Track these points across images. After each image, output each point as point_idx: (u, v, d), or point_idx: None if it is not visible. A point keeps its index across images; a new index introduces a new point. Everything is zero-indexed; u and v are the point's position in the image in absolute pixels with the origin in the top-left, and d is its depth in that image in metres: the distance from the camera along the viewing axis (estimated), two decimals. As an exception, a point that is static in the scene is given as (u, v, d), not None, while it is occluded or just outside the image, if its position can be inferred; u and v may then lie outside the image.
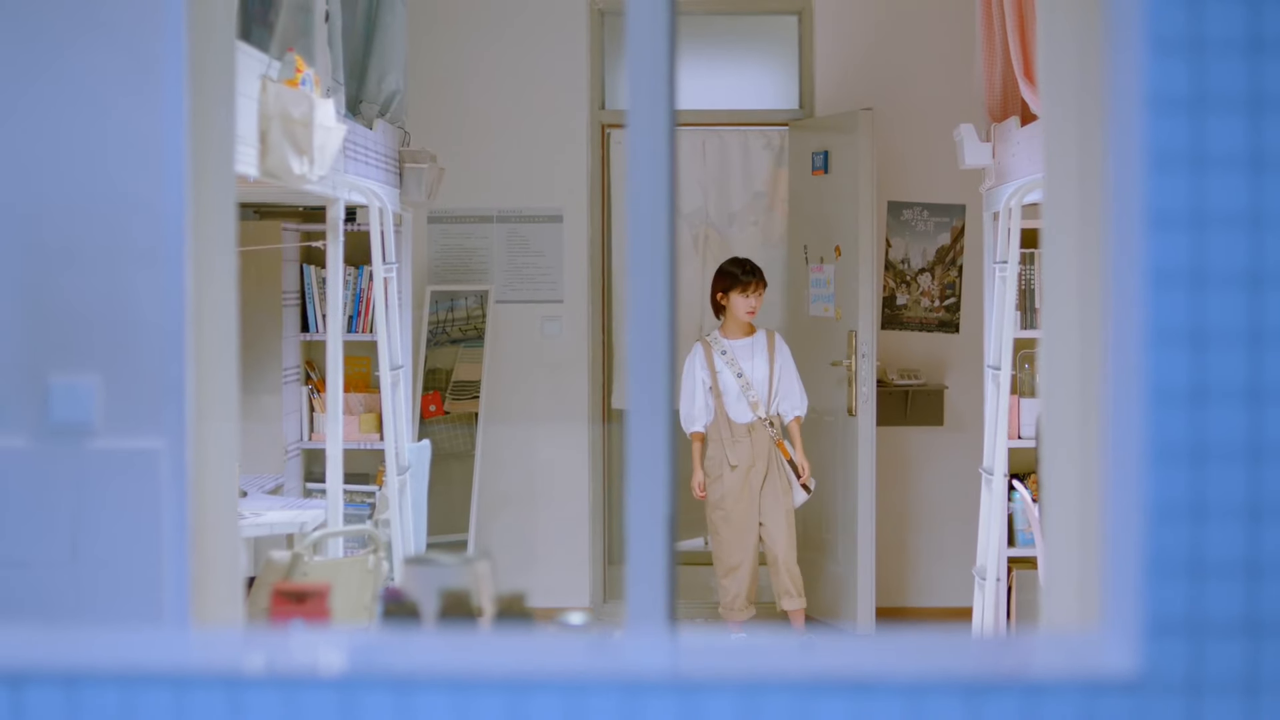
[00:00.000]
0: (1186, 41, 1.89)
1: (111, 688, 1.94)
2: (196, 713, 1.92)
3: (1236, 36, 1.89)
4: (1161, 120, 1.88)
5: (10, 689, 1.94)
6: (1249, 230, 1.89)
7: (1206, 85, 1.88)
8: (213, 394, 3.80)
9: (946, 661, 1.97)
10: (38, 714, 1.94)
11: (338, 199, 6.30)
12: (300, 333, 8.01)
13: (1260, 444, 1.91)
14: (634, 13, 3.37)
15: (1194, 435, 1.90)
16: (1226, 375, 1.90)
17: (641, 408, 3.08)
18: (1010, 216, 6.34)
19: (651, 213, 3.28)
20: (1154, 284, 1.89)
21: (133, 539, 3.64)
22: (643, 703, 1.89)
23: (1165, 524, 1.90)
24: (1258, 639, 1.91)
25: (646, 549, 2.92)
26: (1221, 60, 1.88)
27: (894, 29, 8.53)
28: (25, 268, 3.66)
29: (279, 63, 5.37)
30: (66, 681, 1.95)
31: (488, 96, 8.58)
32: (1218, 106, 1.88)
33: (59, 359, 3.65)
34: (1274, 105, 1.89)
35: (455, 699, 1.89)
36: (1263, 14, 1.89)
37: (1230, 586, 1.91)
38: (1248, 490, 1.91)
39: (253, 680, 1.93)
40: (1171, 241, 1.89)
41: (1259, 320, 1.90)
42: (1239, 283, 1.90)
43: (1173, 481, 1.90)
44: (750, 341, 7.83)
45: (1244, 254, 1.89)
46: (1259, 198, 1.89)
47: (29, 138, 3.67)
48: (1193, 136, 1.88)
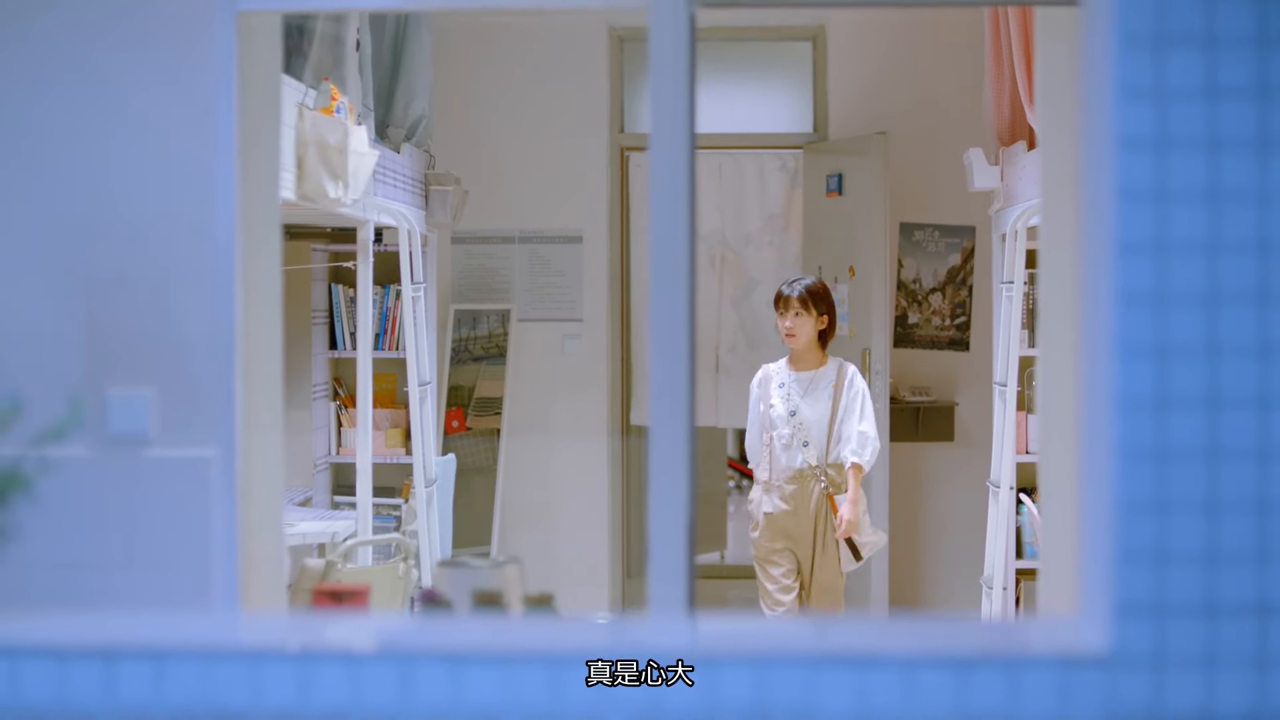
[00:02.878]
0: (1151, 89, 2.12)
1: (194, 662, 2.18)
2: (270, 684, 2.16)
3: (1196, 85, 2.12)
4: (1129, 158, 2.11)
5: (104, 663, 2.17)
6: (1206, 256, 2.12)
7: (1169, 128, 2.11)
8: (259, 406, 4.02)
9: (939, 641, 2.20)
10: (128, 682, 2.18)
11: (368, 221, 6.53)
12: (328, 350, 8.21)
13: (1216, 446, 2.13)
14: (656, 46, 3.60)
15: (1157, 439, 2.13)
16: (1186, 385, 2.13)
17: (663, 413, 3.31)
18: (1017, 238, 6.53)
19: (672, 234, 3.51)
20: (1122, 304, 2.12)
21: (184, 542, 3.87)
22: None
23: (1132, 518, 2.13)
24: (1214, 620, 2.14)
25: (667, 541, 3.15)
26: (1182, 105, 2.12)
27: (906, 56, 8.65)
28: (86, 289, 3.90)
29: (315, 91, 5.61)
30: (154, 657, 2.18)
31: (510, 120, 8.71)
32: (1179, 147, 2.12)
33: (117, 374, 3.89)
34: (1229, 145, 2.12)
35: (501, 672, 2.12)
36: (1218, 65, 2.12)
37: (1190, 574, 2.14)
38: (1205, 487, 2.13)
39: (320, 656, 2.17)
40: (1137, 266, 2.12)
41: (1215, 336, 2.13)
42: (1197, 303, 2.13)
43: (1138, 480, 2.13)
44: (813, 375, 6.81)
45: (1202, 277, 2.12)
46: (1216, 227, 2.12)
47: (90, 168, 3.91)
48: (1156, 173, 2.11)
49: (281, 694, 2.16)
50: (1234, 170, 2.12)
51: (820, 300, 6.73)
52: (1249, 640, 2.15)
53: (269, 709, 2.15)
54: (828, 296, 6.78)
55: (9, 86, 3.90)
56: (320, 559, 5.83)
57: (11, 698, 2.20)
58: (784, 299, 6.75)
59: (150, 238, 3.90)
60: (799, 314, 6.71)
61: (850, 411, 6.71)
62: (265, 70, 4.16)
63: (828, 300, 6.77)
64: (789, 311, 6.73)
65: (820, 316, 6.72)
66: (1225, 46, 2.13)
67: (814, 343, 6.75)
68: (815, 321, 6.72)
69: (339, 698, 2.15)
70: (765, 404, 6.82)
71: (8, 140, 3.91)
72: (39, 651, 2.21)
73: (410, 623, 2.84)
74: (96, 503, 3.83)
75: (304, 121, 5.36)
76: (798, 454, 6.70)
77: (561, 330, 8.83)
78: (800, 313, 6.71)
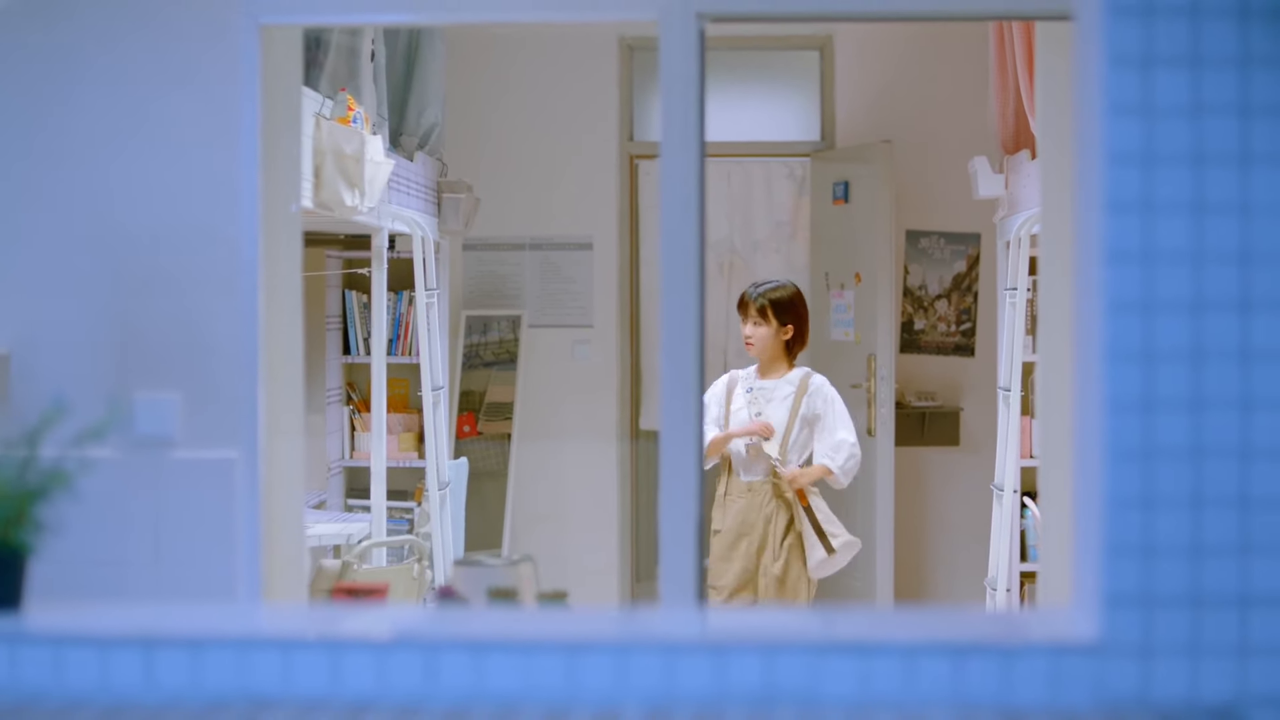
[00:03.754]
0: (1139, 107, 2.23)
1: (228, 650, 2.29)
2: (301, 671, 2.27)
3: (1181, 102, 2.23)
4: (1117, 172, 2.23)
5: (143, 651, 2.29)
6: (1191, 265, 2.23)
7: (1155, 143, 2.22)
8: (280, 410, 4.14)
9: (937, 630, 2.31)
10: (166, 670, 2.29)
11: (382, 228, 6.65)
12: (342, 355, 8.30)
13: (1200, 445, 2.24)
14: (667, 59, 3.71)
15: (1144, 438, 2.24)
16: (1172, 388, 2.24)
17: (673, 415, 3.43)
18: (1020, 245, 6.63)
19: (683, 242, 3.63)
20: (1110, 311, 2.23)
21: (209, 540, 3.99)
22: (678, 661, 2.24)
23: (1121, 514, 2.24)
24: (1198, 610, 2.25)
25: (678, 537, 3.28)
26: (1168, 122, 2.23)
27: (912, 65, 8.72)
28: (114, 295, 4.02)
29: (331, 101, 5.73)
30: (190, 645, 2.30)
31: (521, 129, 8.78)
32: (1165, 161, 2.23)
33: (144, 378, 4.01)
34: (1212, 160, 2.23)
35: (521, 659, 2.24)
36: (1202, 84, 2.23)
37: (1175, 566, 2.24)
38: (1190, 485, 2.24)
39: (348, 644, 2.28)
40: (1125, 274, 2.23)
41: (1199, 341, 2.24)
42: (1182, 310, 2.23)
43: (1127, 478, 2.24)
44: (775, 385, 6.35)
45: (1186, 285, 2.23)
46: (1199, 238, 2.23)
47: (118, 178, 4.03)
48: (1143, 186, 2.22)
49: (312, 680, 2.27)
50: (1217, 184, 2.23)
51: (784, 310, 6.28)
52: (1231, 629, 2.26)
53: (300, 695, 2.26)
54: (795, 305, 6.33)
55: (41, 98, 4.02)
56: (336, 560, 5.95)
57: (56, 685, 2.31)
58: (744, 303, 6.33)
59: (176, 245, 4.01)
60: (757, 323, 6.28)
61: (826, 424, 6.27)
62: (286, 82, 4.28)
63: (794, 310, 6.32)
64: (747, 318, 6.31)
65: (784, 326, 6.28)
66: (1209, 66, 2.24)
67: (778, 352, 6.30)
68: (777, 330, 6.26)
69: (366, 684, 2.26)
70: (727, 408, 6.37)
71: (40, 150, 4.02)
72: (81, 640, 2.32)
73: (433, 613, 2.96)
74: (125, 502, 3.95)
75: (321, 131, 5.48)
76: (754, 466, 6.27)
77: (572, 336, 8.90)
78: (759, 321, 6.27)
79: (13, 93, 4.03)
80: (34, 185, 4.04)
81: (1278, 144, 2.24)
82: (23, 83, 4.02)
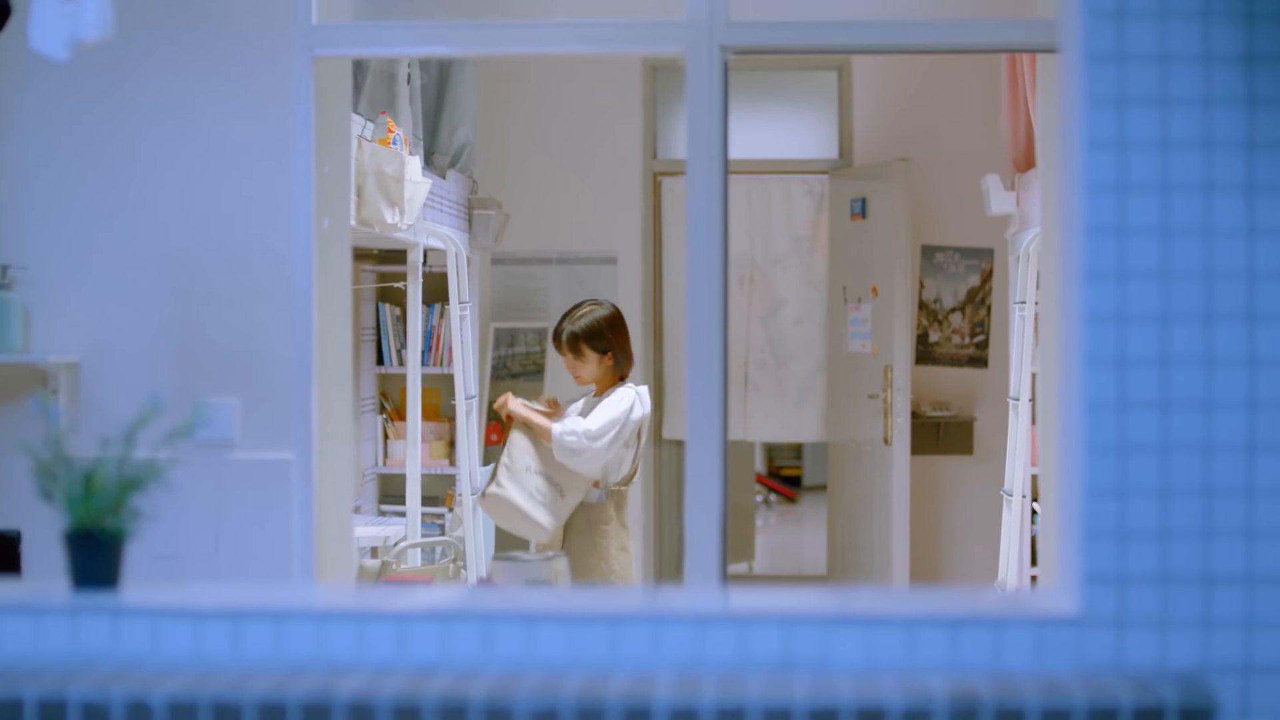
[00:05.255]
0: (1114, 142, 2.52)
1: (307, 622, 2.59)
2: (372, 641, 2.56)
3: (1152, 138, 2.52)
4: (1095, 199, 2.51)
5: (232, 623, 2.58)
6: (1160, 282, 2.52)
7: (1128, 174, 2.51)
8: (331, 415, 4.42)
9: (935, 605, 2.60)
10: (252, 640, 2.59)
11: (418, 244, 6.93)
12: (376, 366, 8.52)
13: (1168, 442, 2.53)
14: (693, 88, 3.98)
15: (1119, 435, 2.52)
16: (1143, 390, 2.52)
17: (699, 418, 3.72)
18: (1028, 260, 6.84)
19: (707, 261, 3.90)
20: (1089, 322, 2.51)
21: (265, 535, 4.28)
22: (706, 633, 2.53)
23: (1098, 503, 2.52)
24: (1167, 588, 2.53)
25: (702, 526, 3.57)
26: (1139, 155, 2.51)
27: (927, 86, 8.88)
28: (178, 307, 4.32)
29: (372, 124, 6.02)
30: (273, 618, 2.59)
31: (548, 147, 8.96)
32: (1136, 190, 2.51)
33: (205, 384, 4.31)
34: (1179, 190, 2.52)
35: (567, 630, 2.53)
36: (1171, 121, 2.52)
37: (1146, 549, 2.53)
38: (1159, 477, 2.53)
39: (413, 617, 2.58)
40: (1102, 290, 2.51)
41: (1166, 349, 2.52)
42: (1152, 321, 2.52)
43: (1103, 470, 2.52)
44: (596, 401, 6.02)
45: (1156, 300, 2.52)
46: (1167, 258, 2.52)
47: (182, 199, 4.33)
48: (1118, 212, 2.51)
49: (382, 649, 2.56)
50: (1182, 210, 2.52)
51: (595, 338, 5.96)
52: (1195, 605, 2.54)
53: (372, 661, 2.55)
54: (604, 331, 5.98)
55: (112, 126, 4.33)
56: (375, 560, 6.24)
57: (153, 653, 2.60)
58: (557, 340, 6.04)
59: (235, 261, 4.31)
60: (574, 360, 6.00)
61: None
62: (336, 108, 4.57)
63: (605, 336, 5.98)
64: (564, 355, 6.04)
65: (603, 355, 5.97)
66: (1176, 106, 2.53)
67: (607, 376, 6.00)
68: (598, 360, 5.96)
69: (430, 652, 2.55)
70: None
71: (112, 173, 4.33)
72: (175, 613, 2.61)
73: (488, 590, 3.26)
74: (186, 500, 4.23)
75: (364, 152, 5.76)
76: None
77: None
78: (576, 358, 5.99)
79: (87, 122, 4.34)
80: (105, 205, 4.35)
81: (1237, 174, 2.53)
82: (96, 112, 4.33)
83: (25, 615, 2.64)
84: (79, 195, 4.35)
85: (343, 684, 2.45)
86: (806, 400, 9.44)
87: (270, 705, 2.43)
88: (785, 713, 2.38)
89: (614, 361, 6.00)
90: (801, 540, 12.52)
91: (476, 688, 2.43)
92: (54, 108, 4.35)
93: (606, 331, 5.99)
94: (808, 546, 11.94)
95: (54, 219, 4.37)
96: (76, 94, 4.33)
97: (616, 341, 6.02)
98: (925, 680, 2.46)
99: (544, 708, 2.40)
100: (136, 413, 2.73)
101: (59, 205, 4.37)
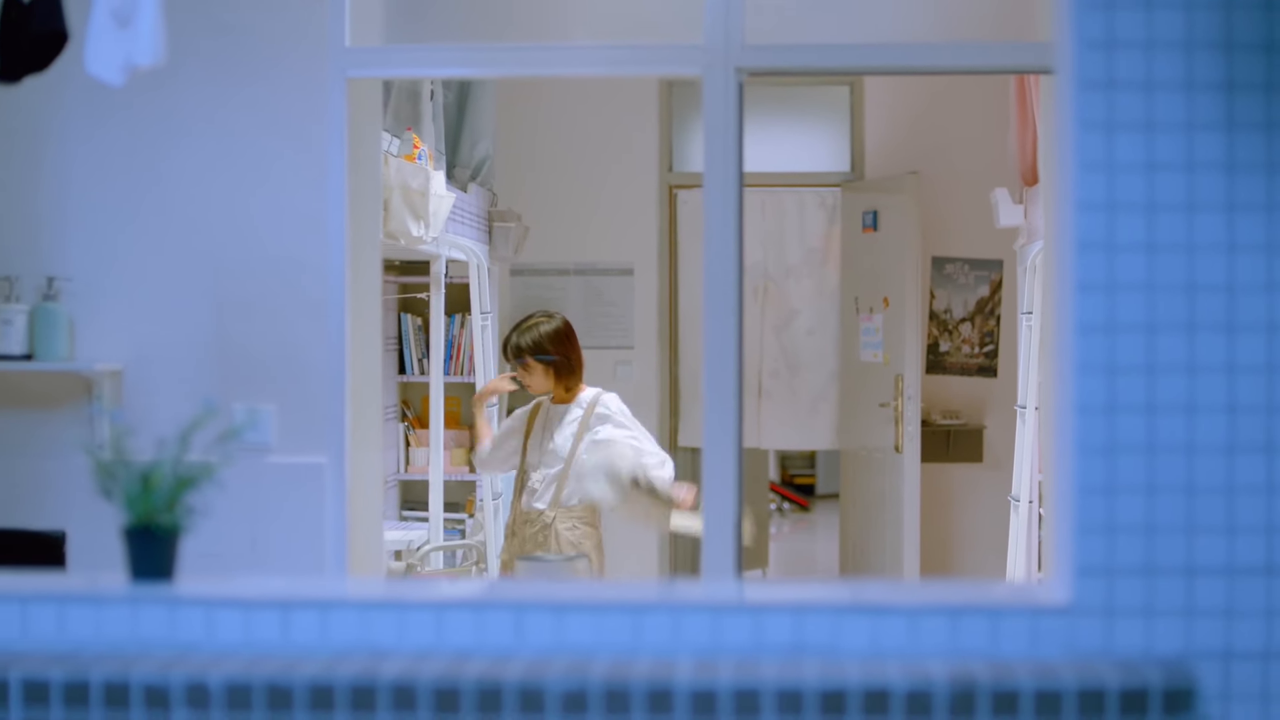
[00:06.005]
0: (1103, 164, 2.70)
1: (351, 611, 2.78)
2: (412, 628, 2.75)
3: (1138, 161, 2.71)
4: (1085, 217, 2.70)
5: (281, 612, 2.77)
6: (1145, 294, 2.71)
7: (1116, 194, 2.70)
8: (362, 421, 4.61)
9: (937, 596, 2.79)
10: (299, 627, 2.78)
11: (440, 255, 7.11)
12: (398, 375, 8.62)
13: (1153, 443, 2.71)
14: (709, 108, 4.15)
15: (1108, 437, 2.71)
16: (1130, 395, 2.71)
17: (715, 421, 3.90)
18: (1035, 272, 6.98)
19: (723, 274, 4.08)
20: (1080, 332, 2.70)
21: (300, 535, 4.47)
22: (723, 620, 2.72)
23: (1087, 500, 2.71)
24: (1152, 579, 2.72)
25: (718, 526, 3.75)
26: (1126, 177, 2.70)
27: (938, 102, 8.98)
28: (217, 318, 4.51)
29: (398, 140, 6.21)
30: (319, 607, 2.78)
31: (566, 160, 9.07)
32: (1124, 209, 2.70)
33: (242, 391, 4.50)
34: (1163, 209, 2.71)
35: (594, 618, 2.72)
36: (1156, 146, 2.71)
37: (1133, 543, 2.71)
38: (1145, 476, 2.71)
39: (450, 605, 2.77)
40: (1092, 301, 2.70)
41: (1152, 357, 2.71)
42: (1138, 331, 2.70)
43: (1093, 470, 2.71)
44: (568, 408, 6.20)
45: (1142, 311, 2.70)
46: (1152, 273, 2.71)
47: (221, 214, 4.53)
48: (1107, 228, 2.70)
49: (421, 635, 2.75)
50: (1166, 228, 2.71)
51: (540, 350, 6.17)
52: (1178, 595, 2.73)
53: (412, 647, 2.74)
54: (550, 342, 6.19)
55: (156, 145, 4.52)
56: (400, 563, 6.42)
57: (207, 639, 2.80)
58: (505, 353, 6.28)
59: (272, 274, 4.50)
60: (523, 371, 6.19)
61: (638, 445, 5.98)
62: (367, 128, 4.76)
63: (550, 348, 6.18)
64: (514, 367, 6.23)
65: (547, 366, 6.15)
66: (1161, 130, 2.71)
67: (556, 388, 6.20)
68: (545, 371, 6.14)
69: (466, 638, 2.74)
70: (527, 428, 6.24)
71: (153, 190, 4.52)
72: (228, 603, 2.80)
73: (519, 581, 3.45)
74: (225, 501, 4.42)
75: (389, 167, 5.94)
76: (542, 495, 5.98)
77: (614, 357, 9.16)
78: (524, 371, 6.19)
79: (132, 142, 4.53)
80: (147, 220, 4.54)
81: (1218, 194, 2.72)
82: (141, 133, 4.52)
83: (88, 605, 2.84)
84: (122, 211, 4.55)
85: (386, 667, 2.64)
86: (819, 409, 9.53)
87: (319, 686, 2.63)
88: (797, 694, 2.57)
89: (558, 373, 6.16)
90: (815, 547, 12.67)
91: (511, 670, 2.62)
92: (98, 127, 4.54)
93: (549, 345, 6.18)
94: (821, 554, 12.09)
95: (98, 233, 4.57)
96: (120, 114, 4.52)
97: (560, 353, 6.19)
98: (927, 664, 2.65)
99: (573, 688, 2.59)
100: (190, 416, 2.91)
101: (103, 220, 4.57)
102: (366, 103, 4.70)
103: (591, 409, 6.11)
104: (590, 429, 6.07)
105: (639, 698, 2.58)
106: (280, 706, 2.63)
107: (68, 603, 2.84)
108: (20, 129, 4.60)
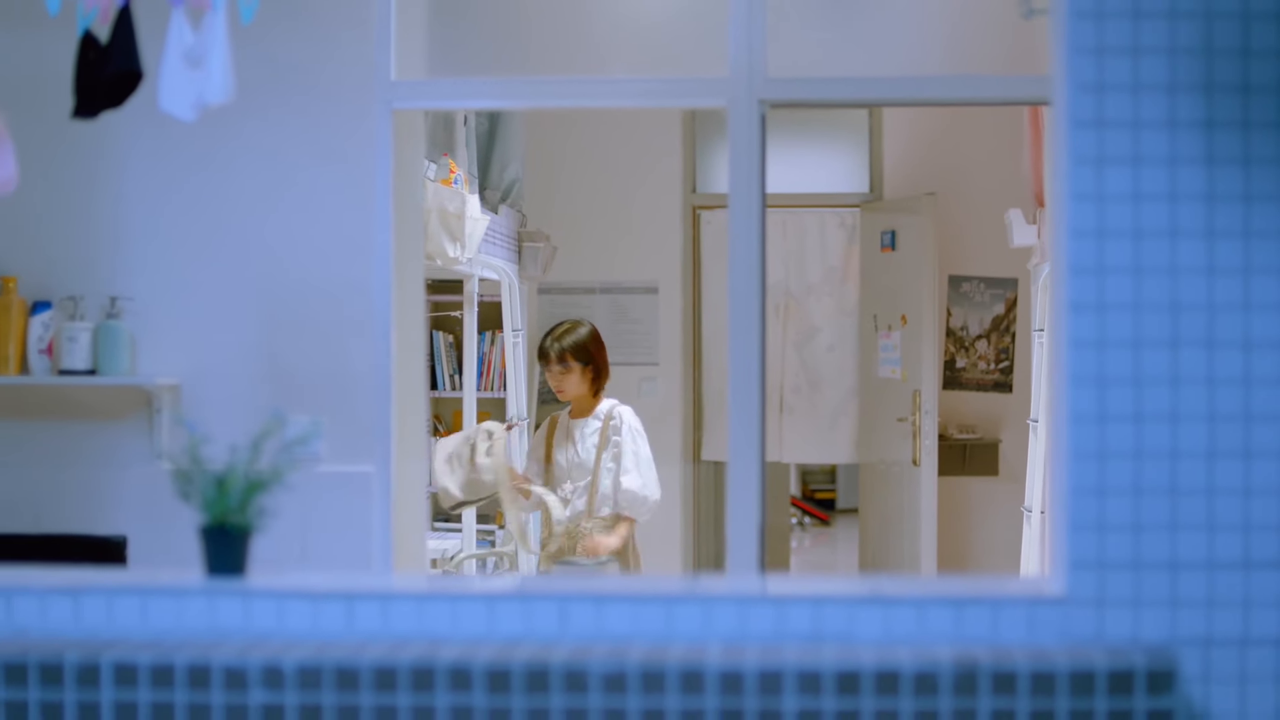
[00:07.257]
0: (1094, 195, 2.97)
1: (409, 602, 3.05)
2: (465, 617, 3.02)
3: (1126, 192, 2.97)
4: (1078, 244, 2.97)
5: (345, 602, 3.05)
6: (1133, 314, 2.97)
7: (1106, 222, 2.97)
8: (407, 433, 4.85)
9: (942, 589, 3.06)
10: (362, 617, 3.04)
11: (474, 275, 7.35)
12: (429, 390, 8.88)
13: (1140, 449, 2.97)
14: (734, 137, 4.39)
15: (1099, 443, 2.97)
16: (1119, 405, 2.97)
17: (740, 433, 4.16)
18: (1047, 290, 7.15)
19: (747, 293, 4.32)
20: (1073, 347, 2.97)
21: (348, 541, 4.71)
22: (748, 609, 2.98)
23: (1081, 500, 2.97)
24: (1139, 572, 2.98)
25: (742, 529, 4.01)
26: (1116, 205, 2.97)
27: (954, 125, 9.11)
28: (270, 336, 4.77)
29: (435, 165, 6.46)
30: (381, 598, 3.05)
31: (593, 182, 9.25)
32: (1113, 235, 2.97)
33: (295, 404, 4.74)
34: (1148, 236, 2.97)
35: (631, 608, 2.99)
36: (1142, 179, 2.97)
37: (1122, 539, 2.97)
38: (1133, 478, 2.97)
39: (500, 597, 3.03)
40: (1084, 320, 2.97)
41: (1139, 371, 2.97)
42: (1126, 347, 2.97)
43: (1086, 473, 2.97)
44: (586, 421, 6.46)
45: (1129, 329, 2.97)
46: (1139, 294, 2.97)
47: (274, 237, 4.78)
48: (1097, 254, 2.96)
49: (474, 624, 3.02)
50: (1152, 253, 2.97)
51: (582, 352, 6.42)
52: (1164, 587, 2.99)
53: (465, 635, 3.01)
54: (590, 345, 6.46)
55: (211, 172, 4.79)
56: (436, 570, 6.67)
57: (278, 628, 3.07)
58: (544, 355, 6.44)
59: (322, 294, 4.76)
60: (562, 371, 6.40)
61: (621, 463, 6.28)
62: (410, 155, 5.01)
63: (590, 349, 6.45)
64: (550, 369, 6.42)
65: (585, 367, 6.40)
66: (1147, 164, 2.97)
67: (587, 392, 6.45)
68: (581, 373, 6.38)
69: (515, 626, 3.01)
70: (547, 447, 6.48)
71: (210, 214, 4.79)
72: (297, 595, 3.08)
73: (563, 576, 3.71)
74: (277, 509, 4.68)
75: (427, 191, 6.19)
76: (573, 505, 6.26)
77: (639, 374, 9.28)
78: (563, 370, 6.39)
79: (191, 171, 4.80)
80: (204, 243, 4.81)
81: (1198, 223, 2.98)
82: (199, 162, 4.79)
83: (169, 597, 3.11)
84: (181, 235, 4.81)
85: (442, 652, 2.91)
86: (839, 423, 9.65)
87: (383, 669, 2.90)
88: (816, 675, 2.84)
89: (594, 374, 6.44)
90: (835, 560, 12.83)
91: (556, 655, 2.89)
92: (160, 157, 4.80)
93: (590, 345, 6.47)
94: (841, 567, 12.25)
95: (159, 256, 4.83)
96: (180, 144, 4.78)
97: (599, 355, 6.49)
98: (934, 649, 2.91)
99: (613, 671, 2.86)
100: (244, 428, 3.16)
101: (163, 244, 4.83)
102: (410, 132, 4.95)
103: (608, 420, 6.38)
104: (608, 441, 6.33)
105: (673, 678, 2.85)
106: (348, 687, 2.90)
107: (151, 595, 3.11)
108: (87, 159, 4.87)
